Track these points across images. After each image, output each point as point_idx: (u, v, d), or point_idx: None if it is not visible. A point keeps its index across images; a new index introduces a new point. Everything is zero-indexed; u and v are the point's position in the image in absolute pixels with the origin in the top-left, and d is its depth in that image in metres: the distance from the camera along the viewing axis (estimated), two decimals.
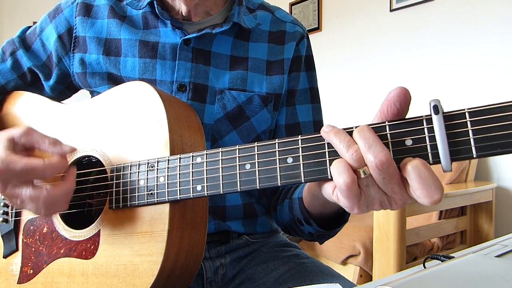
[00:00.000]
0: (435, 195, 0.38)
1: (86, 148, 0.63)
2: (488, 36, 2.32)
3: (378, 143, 0.39)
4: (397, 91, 0.40)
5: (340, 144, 0.41)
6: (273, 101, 0.76)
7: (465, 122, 0.38)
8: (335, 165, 0.41)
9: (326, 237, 0.69)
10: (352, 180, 0.39)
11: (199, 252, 0.57)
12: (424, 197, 0.38)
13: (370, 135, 0.40)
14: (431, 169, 0.38)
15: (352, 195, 0.40)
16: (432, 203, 0.38)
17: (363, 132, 0.40)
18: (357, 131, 0.41)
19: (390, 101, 0.40)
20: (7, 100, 0.79)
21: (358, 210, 0.42)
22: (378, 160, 0.38)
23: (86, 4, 0.76)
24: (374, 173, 0.39)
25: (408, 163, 0.39)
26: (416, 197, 0.39)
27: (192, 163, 0.51)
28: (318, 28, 3.24)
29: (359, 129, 0.41)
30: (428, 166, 0.38)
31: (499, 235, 1.98)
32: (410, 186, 0.39)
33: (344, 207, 0.43)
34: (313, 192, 0.56)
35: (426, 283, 0.39)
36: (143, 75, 0.71)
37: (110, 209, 0.58)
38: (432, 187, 0.37)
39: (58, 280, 0.60)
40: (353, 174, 0.40)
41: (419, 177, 0.38)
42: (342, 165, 0.40)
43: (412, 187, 0.39)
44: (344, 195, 0.41)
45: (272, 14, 0.81)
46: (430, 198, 0.38)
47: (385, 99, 0.41)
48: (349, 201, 0.41)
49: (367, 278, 1.87)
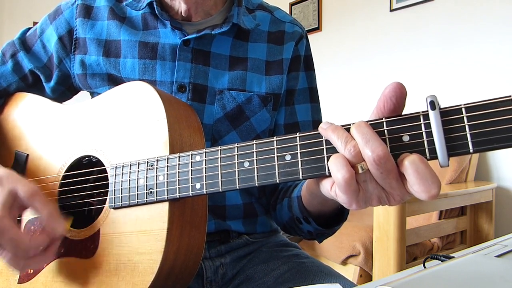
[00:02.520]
0: (433, 190, 0.38)
1: (86, 148, 0.63)
2: (488, 36, 2.32)
3: (376, 138, 0.39)
4: (393, 86, 0.40)
5: (338, 140, 0.41)
6: (272, 101, 0.76)
7: (461, 117, 0.38)
8: (333, 160, 0.41)
9: (326, 235, 0.69)
10: (351, 175, 0.40)
11: (199, 251, 0.57)
12: (422, 191, 0.38)
13: (368, 130, 0.40)
14: (428, 164, 0.38)
15: (350, 190, 0.40)
16: (430, 198, 0.38)
17: (360, 128, 0.40)
18: (355, 127, 0.41)
19: (386, 97, 0.41)
20: (9, 102, 0.79)
21: (356, 205, 0.42)
22: (376, 154, 0.38)
23: (86, 5, 0.76)
24: (372, 168, 0.39)
25: (405, 158, 0.39)
26: (413, 192, 0.39)
27: (191, 161, 0.51)
28: (318, 28, 3.24)
29: (356, 125, 0.41)
30: (425, 161, 0.38)
31: (499, 235, 1.98)
32: (408, 182, 0.39)
33: (343, 203, 0.43)
34: (312, 190, 0.56)
35: (426, 283, 0.39)
36: (143, 75, 0.71)
37: (110, 208, 0.58)
38: (429, 181, 0.38)
39: (58, 280, 0.60)
40: (351, 169, 0.40)
41: (416, 172, 0.38)
42: (340, 160, 0.40)
43: (409, 182, 0.39)
44: (342, 190, 0.41)
45: (271, 14, 0.82)
46: (428, 193, 0.38)
47: (381, 95, 0.41)
48: (347, 196, 0.41)
49: (367, 278, 1.87)
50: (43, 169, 0.68)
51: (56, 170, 0.66)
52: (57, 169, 0.66)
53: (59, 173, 0.65)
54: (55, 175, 0.66)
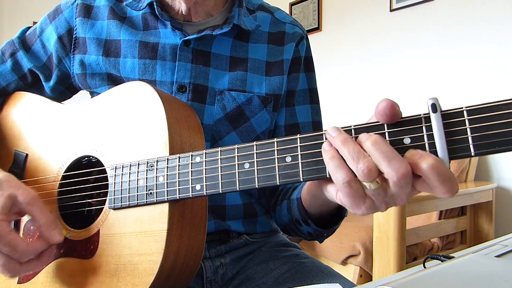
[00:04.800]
0: (455, 186, 0.38)
1: (86, 148, 0.63)
2: (488, 36, 2.32)
3: (397, 156, 0.38)
4: (385, 104, 0.39)
5: (348, 155, 0.40)
6: (272, 101, 0.76)
7: (463, 120, 0.38)
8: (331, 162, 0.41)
9: (325, 235, 0.69)
10: (351, 177, 0.39)
11: (199, 251, 0.57)
12: (446, 192, 0.38)
13: (387, 149, 0.38)
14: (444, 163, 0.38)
15: (352, 191, 0.40)
16: (453, 195, 0.38)
17: (379, 146, 0.39)
18: (370, 143, 0.39)
19: (378, 115, 0.40)
20: (8, 101, 0.79)
21: (363, 211, 0.42)
22: (401, 174, 0.38)
23: (86, 5, 0.76)
24: (393, 186, 0.39)
25: (422, 162, 0.38)
26: (435, 193, 0.39)
27: (191, 162, 0.51)
28: (318, 28, 3.24)
29: (373, 141, 0.39)
30: (442, 162, 0.38)
31: (499, 235, 1.98)
32: (428, 184, 0.38)
33: (348, 207, 0.42)
34: (313, 193, 0.56)
35: (426, 283, 0.39)
36: (143, 75, 0.71)
37: (109, 208, 0.58)
38: (452, 180, 0.38)
39: (58, 280, 0.60)
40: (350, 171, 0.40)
41: (438, 175, 0.37)
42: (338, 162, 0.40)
43: (430, 185, 0.38)
44: (344, 192, 0.40)
45: (271, 15, 0.82)
46: (452, 191, 0.38)
47: (375, 111, 0.41)
48: (351, 199, 0.41)
49: (367, 278, 1.87)
50: (42, 169, 0.68)
51: (55, 170, 0.66)
52: (57, 169, 0.66)
53: (59, 173, 0.65)
54: (55, 175, 0.66)
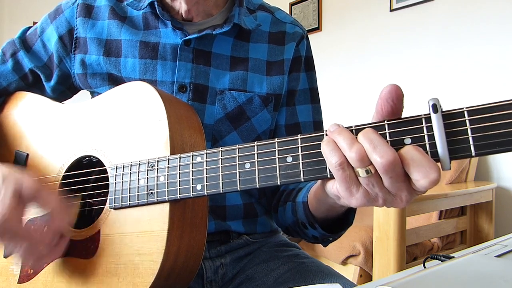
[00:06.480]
0: (431, 174, 0.38)
1: (87, 148, 0.63)
2: (488, 36, 2.32)
3: (383, 143, 0.40)
4: (389, 88, 0.40)
5: (343, 141, 0.41)
6: (273, 101, 0.76)
7: (463, 120, 0.38)
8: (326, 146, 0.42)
9: (331, 240, 0.69)
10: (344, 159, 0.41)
11: (199, 251, 0.57)
12: (421, 178, 0.38)
13: (375, 136, 0.40)
14: (423, 152, 0.39)
15: (345, 175, 0.41)
16: (431, 183, 0.38)
17: (367, 134, 0.41)
18: (361, 134, 0.41)
19: (383, 99, 0.41)
20: (9, 101, 0.79)
21: (358, 200, 0.43)
22: (385, 160, 0.39)
23: (87, 5, 0.76)
24: (382, 173, 0.40)
25: (400, 150, 0.40)
26: (415, 181, 0.39)
27: (192, 162, 0.51)
28: (318, 28, 3.24)
29: (363, 132, 0.41)
30: (419, 149, 0.39)
31: (499, 235, 1.98)
32: (408, 173, 0.40)
33: (343, 195, 0.43)
34: (319, 198, 0.57)
35: (426, 283, 0.39)
36: (144, 75, 0.71)
37: (110, 208, 0.58)
38: (426, 167, 0.38)
39: (58, 280, 0.60)
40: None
41: (411, 160, 0.39)
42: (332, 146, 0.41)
43: (408, 172, 0.39)
44: (338, 176, 0.41)
45: (272, 15, 0.82)
46: (427, 178, 0.38)
47: (378, 97, 0.41)
48: (344, 184, 0.42)
49: (367, 278, 1.87)
50: (43, 169, 0.68)
51: (56, 170, 0.66)
52: (57, 169, 0.66)
53: (59, 173, 0.65)
54: (55, 175, 0.66)
